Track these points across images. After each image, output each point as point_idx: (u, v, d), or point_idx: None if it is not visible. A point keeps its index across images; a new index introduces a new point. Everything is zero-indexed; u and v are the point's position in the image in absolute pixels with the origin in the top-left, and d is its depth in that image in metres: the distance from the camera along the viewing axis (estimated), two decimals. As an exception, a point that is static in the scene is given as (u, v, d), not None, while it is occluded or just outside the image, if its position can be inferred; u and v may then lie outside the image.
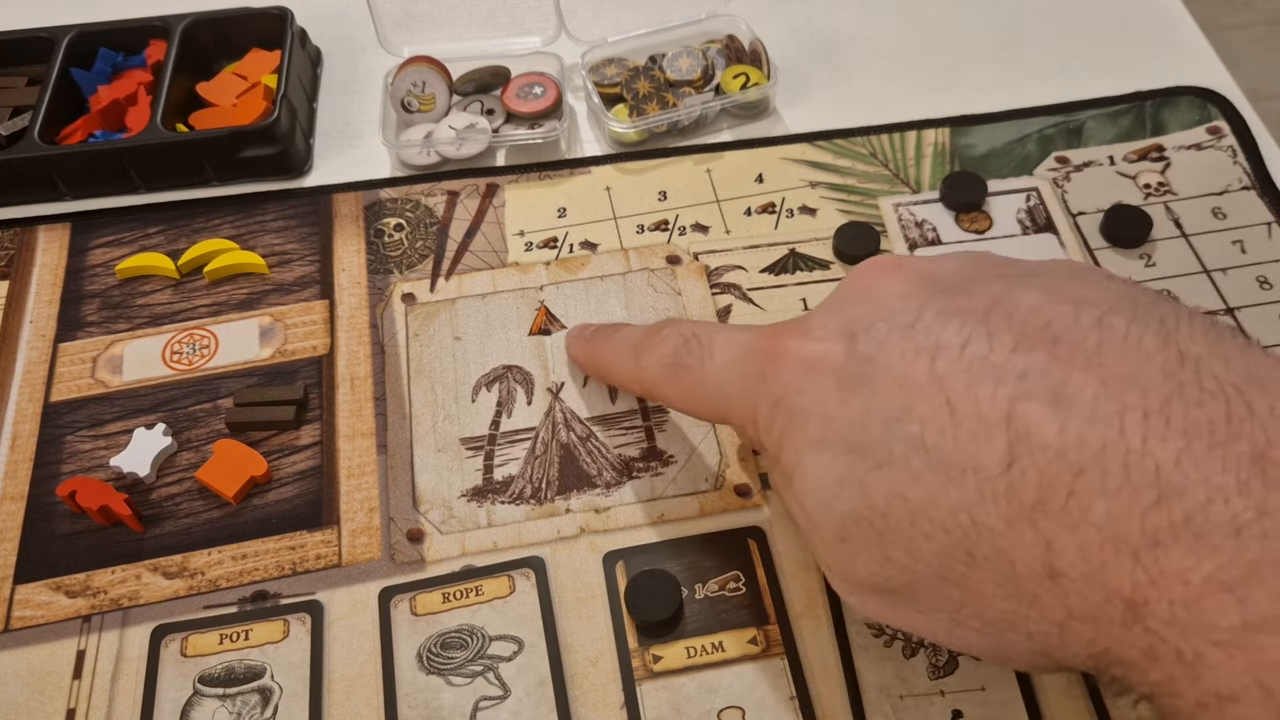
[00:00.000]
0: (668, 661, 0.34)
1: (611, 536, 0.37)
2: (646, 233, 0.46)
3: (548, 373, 0.41)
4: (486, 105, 0.50)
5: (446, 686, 0.34)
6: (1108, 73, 0.51)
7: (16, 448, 0.40)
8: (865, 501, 0.26)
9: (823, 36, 0.54)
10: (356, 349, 0.42)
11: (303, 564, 0.37)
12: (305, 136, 0.50)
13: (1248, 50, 1.51)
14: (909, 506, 0.25)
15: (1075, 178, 0.47)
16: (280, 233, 0.47)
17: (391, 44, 0.51)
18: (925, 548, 0.25)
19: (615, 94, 0.49)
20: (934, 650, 0.34)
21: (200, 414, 0.41)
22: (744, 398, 0.30)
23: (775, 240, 0.45)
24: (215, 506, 0.39)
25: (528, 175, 0.48)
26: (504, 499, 0.38)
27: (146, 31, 0.52)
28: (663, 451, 0.39)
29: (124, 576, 0.37)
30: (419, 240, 0.46)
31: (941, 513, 0.24)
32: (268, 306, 0.44)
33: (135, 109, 0.50)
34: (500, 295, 0.44)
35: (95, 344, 0.43)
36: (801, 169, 0.47)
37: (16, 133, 0.49)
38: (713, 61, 0.50)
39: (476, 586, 0.36)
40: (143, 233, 0.47)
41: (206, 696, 0.34)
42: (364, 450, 0.40)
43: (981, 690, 0.33)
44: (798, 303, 0.43)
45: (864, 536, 0.26)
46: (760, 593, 0.36)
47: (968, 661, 0.34)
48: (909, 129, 0.49)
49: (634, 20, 0.51)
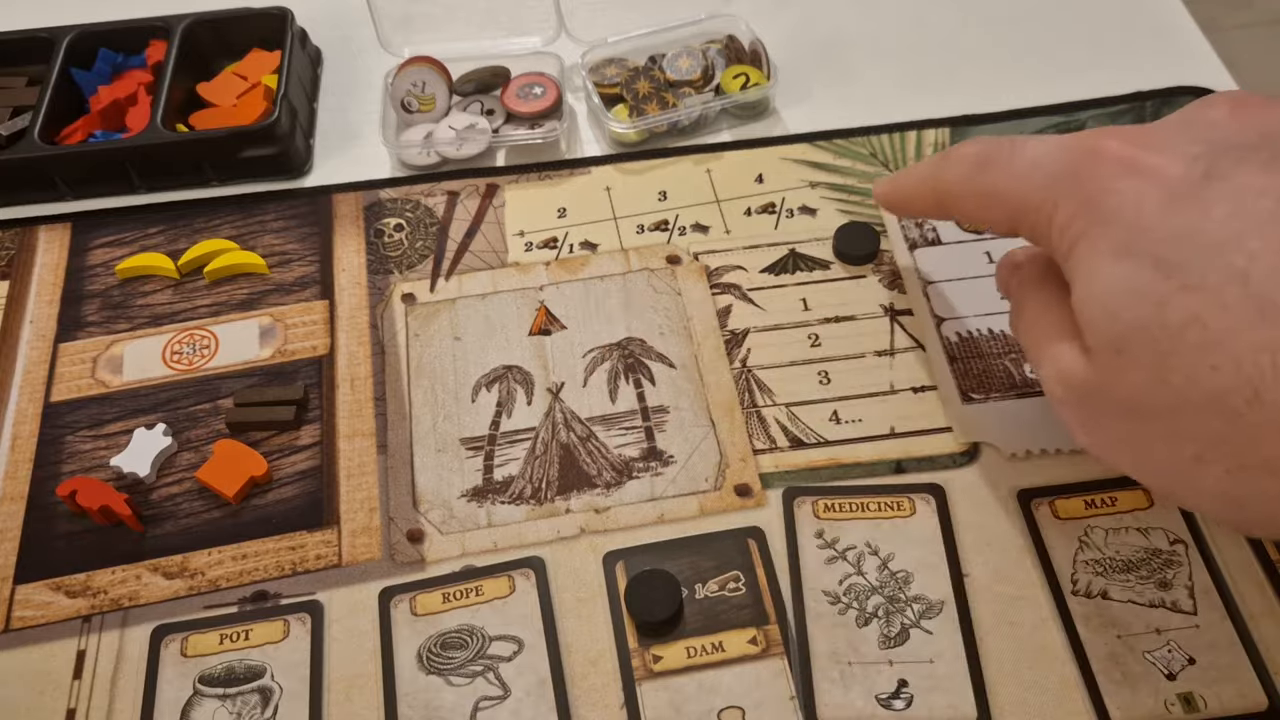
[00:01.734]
0: (668, 661, 0.34)
1: (611, 536, 0.37)
2: (646, 233, 0.46)
3: (548, 373, 0.41)
4: (486, 105, 0.50)
5: (446, 686, 0.34)
6: (1108, 73, 0.51)
7: (17, 448, 0.40)
8: (1159, 318, 0.25)
9: (823, 36, 0.54)
10: (356, 349, 0.42)
11: (303, 564, 0.37)
12: (305, 137, 0.50)
13: (1248, 50, 1.51)
14: (1206, 334, 0.24)
15: (1075, 178, 0.47)
16: (280, 233, 0.47)
17: (391, 44, 0.51)
18: (1209, 378, 0.24)
19: (615, 94, 0.49)
20: (886, 622, 0.34)
21: (200, 414, 0.41)
22: (1048, 190, 0.29)
23: (775, 240, 0.45)
24: (215, 506, 0.39)
25: (528, 175, 0.48)
26: (504, 499, 0.38)
27: (147, 32, 0.52)
28: (663, 451, 0.39)
29: (124, 576, 0.37)
30: (419, 240, 0.46)
31: (1241, 348, 0.24)
32: (268, 306, 0.44)
33: (135, 109, 0.50)
34: (500, 295, 0.44)
35: (95, 344, 0.43)
36: (801, 169, 0.47)
37: (16, 133, 0.49)
38: (713, 61, 0.50)
39: (476, 586, 0.36)
40: (143, 233, 0.47)
41: (206, 696, 0.34)
42: (364, 450, 0.40)
43: (930, 663, 0.34)
44: (798, 303, 0.43)
45: (1145, 352, 0.26)
46: (760, 593, 0.36)
47: (919, 634, 0.34)
48: (909, 129, 0.49)
49: (634, 20, 0.51)
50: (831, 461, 0.38)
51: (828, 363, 0.41)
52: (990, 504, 0.37)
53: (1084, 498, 0.37)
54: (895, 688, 0.33)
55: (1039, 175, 0.30)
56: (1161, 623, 0.34)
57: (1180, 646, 0.34)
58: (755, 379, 0.41)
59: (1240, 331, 0.24)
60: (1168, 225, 0.26)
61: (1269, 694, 0.33)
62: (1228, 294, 0.24)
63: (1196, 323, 0.25)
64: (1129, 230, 0.26)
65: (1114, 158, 0.27)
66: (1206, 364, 0.24)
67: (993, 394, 0.40)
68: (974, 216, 0.34)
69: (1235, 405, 0.24)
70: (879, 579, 0.36)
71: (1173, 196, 0.26)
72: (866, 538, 0.37)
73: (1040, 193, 0.29)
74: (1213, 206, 0.25)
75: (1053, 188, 0.29)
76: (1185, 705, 0.33)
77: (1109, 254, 0.27)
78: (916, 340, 0.42)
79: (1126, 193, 0.27)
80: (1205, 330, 0.24)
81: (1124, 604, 0.35)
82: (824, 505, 0.37)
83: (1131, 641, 0.34)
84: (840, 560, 0.36)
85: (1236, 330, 0.24)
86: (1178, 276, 0.25)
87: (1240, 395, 0.24)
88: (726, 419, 0.40)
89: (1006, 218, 0.31)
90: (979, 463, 0.38)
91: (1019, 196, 0.30)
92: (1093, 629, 0.34)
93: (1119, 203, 0.27)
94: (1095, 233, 0.27)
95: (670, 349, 0.42)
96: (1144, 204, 0.26)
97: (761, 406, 0.40)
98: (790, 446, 0.39)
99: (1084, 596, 0.35)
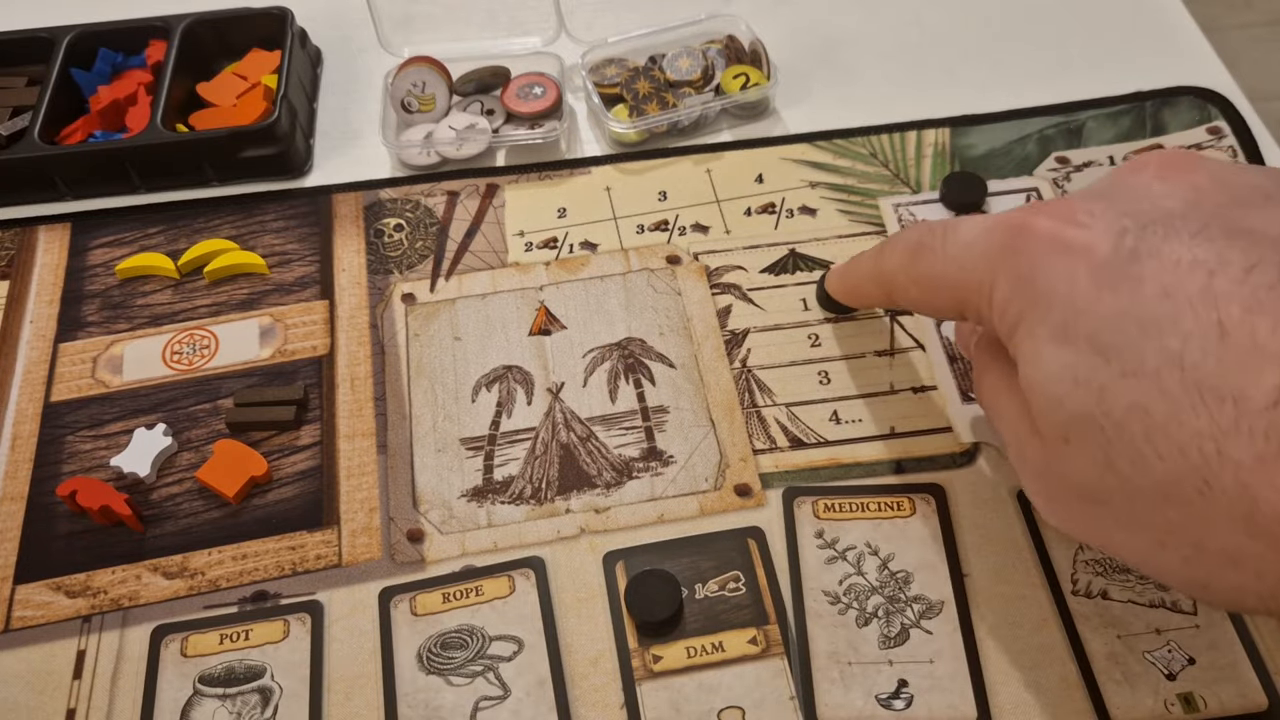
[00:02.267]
0: (668, 661, 0.34)
1: (611, 536, 0.37)
2: (646, 233, 0.46)
3: (548, 373, 0.41)
4: (486, 105, 0.50)
5: (446, 686, 0.34)
6: (1108, 73, 0.51)
7: (17, 448, 0.40)
8: (1101, 407, 0.24)
9: (823, 36, 0.54)
10: (356, 349, 0.42)
11: (303, 564, 0.37)
12: (305, 136, 0.50)
13: (1248, 50, 1.51)
14: (1148, 422, 0.24)
15: (1075, 178, 0.47)
16: (280, 233, 0.47)
17: (391, 44, 0.51)
18: (1156, 466, 0.24)
19: (615, 94, 0.49)
20: (886, 622, 0.34)
21: (200, 414, 0.41)
22: (983, 270, 0.28)
23: (775, 240, 0.45)
24: (215, 506, 0.39)
25: (528, 175, 0.48)
26: (504, 499, 0.38)
27: (146, 31, 0.52)
28: (663, 451, 0.39)
29: (124, 576, 0.37)
30: (419, 240, 0.46)
31: (1185, 435, 0.23)
32: (268, 306, 0.44)
33: (135, 109, 0.50)
34: (500, 295, 0.44)
35: (95, 344, 0.43)
36: (801, 169, 0.47)
37: (16, 133, 0.49)
38: (713, 62, 0.50)
39: (476, 586, 0.36)
40: (143, 233, 0.47)
41: (206, 696, 0.34)
42: (364, 450, 0.40)
43: (930, 663, 0.34)
44: (798, 302, 0.43)
45: (1090, 441, 0.25)
46: (760, 593, 0.36)
47: (919, 634, 0.34)
48: (909, 129, 0.49)
49: (634, 20, 0.51)
50: (831, 461, 0.38)
51: (828, 363, 0.41)
52: (990, 504, 0.37)
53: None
54: (895, 688, 0.33)
55: (972, 256, 0.29)
56: (1161, 623, 0.34)
57: (1180, 646, 0.34)
58: (755, 379, 0.41)
59: (1182, 418, 0.23)
60: (1101, 306, 0.25)
61: (1269, 694, 0.33)
62: (1166, 379, 0.23)
63: (1138, 410, 0.24)
64: (1064, 312, 0.26)
65: (1043, 235, 0.27)
66: (1153, 453, 0.24)
67: (993, 394, 0.40)
68: (919, 304, 0.33)
69: (1186, 494, 0.24)
70: (879, 579, 0.36)
71: (1103, 276, 0.25)
72: (866, 538, 0.37)
73: (976, 273, 0.29)
74: (1144, 284, 0.24)
75: (987, 267, 0.28)
76: (1185, 705, 0.33)
77: (1048, 338, 0.26)
78: (916, 340, 0.42)
79: (1057, 272, 0.26)
80: (1148, 417, 0.24)
81: (1124, 604, 0.35)
82: (824, 505, 0.37)
83: (1131, 641, 0.34)
84: (840, 560, 0.36)
85: (1178, 417, 0.23)
86: (1116, 361, 0.24)
87: (1190, 484, 0.23)
88: (726, 419, 0.40)
89: (949, 303, 0.31)
90: (979, 463, 0.38)
91: (955, 279, 0.30)
92: (1093, 629, 0.34)
93: (1051, 283, 0.26)
94: (1032, 315, 0.27)
95: (670, 349, 0.42)
96: (1076, 284, 0.26)
97: (761, 406, 0.40)
98: (790, 446, 0.39)
99: (1084, 596, 0.35)
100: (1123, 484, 0.25)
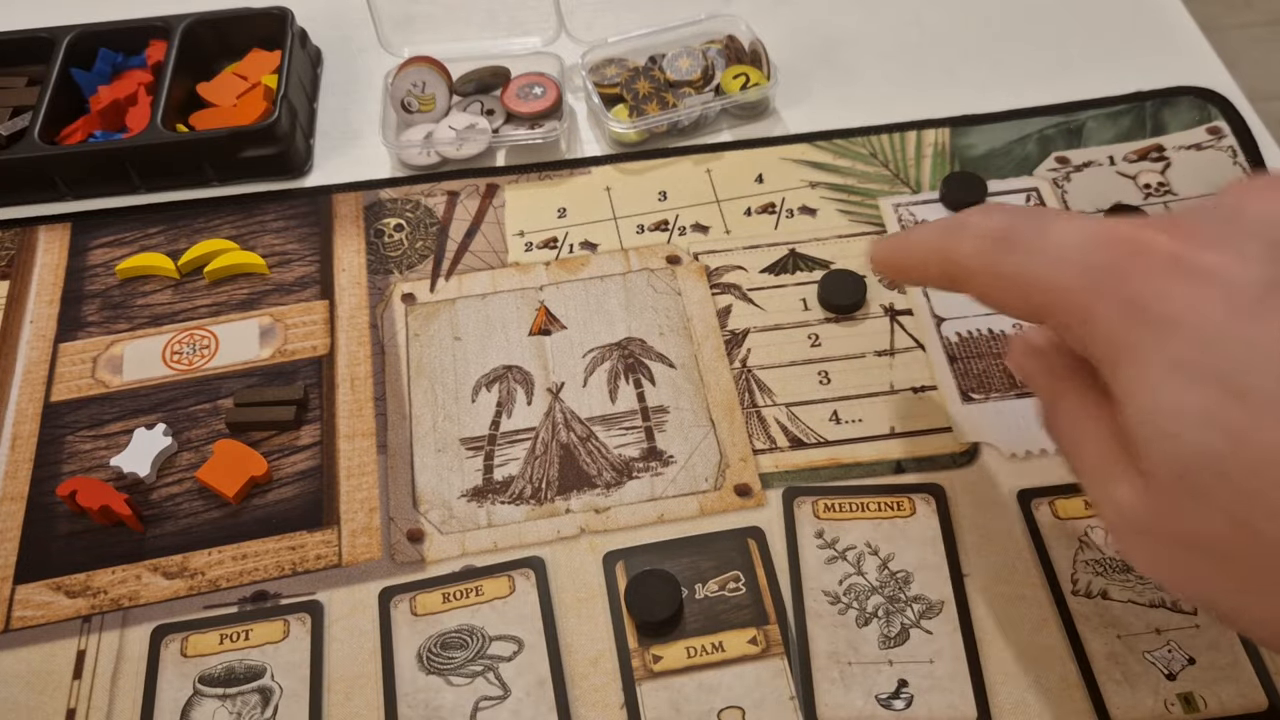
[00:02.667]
0: (668, 661, 0.34)
1: (611, 536, 0.37)
2: (646, 233, 0.46)
3: (548, 373, 0.41)
4: (486, 105, 0.50)
5: (446, 686, 0.34)
6: (1108, 73, 0.51)
7: (17, 448, 0.40)
8: (1232, 450, 0.22)
9: (823, 36, 0.54)
10: (356, 349, 0.42)
11: (303, 564, 0.37)
12: (305, 137, 0.50)
13: (1248, 50, 1.51)
14: None
15: (1075, 178, 0.47)
16: (280, 233, 0.47)
17: (391, 44, 0.51)
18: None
19: (615, 94, 0.49)
20: (886, 622, 0.34)
21: (200, 414, 0.41)
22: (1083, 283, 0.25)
23: (775, 240, 0.45)
24: (215, 506, 0.39)
25: (528, 175, 0.48)
26: (504, 499, 0.38)
27: (146, 32, 0.52)
28: (663, 451, 0.39)
29: (124, 576, 0.37)
30: (419, 240, 0.46)
31: None
32: (268, 306, 0.44)
33: (135, 109, 0.50)
34: (500, 295, 0.44)
35: (95, 344, 0.43)
36: (801, 169, 0.47)
37: (16, 133, 0.49)
38: (713, 62, 0.50)
39: (476, 586, 0.36)
40: (143, 233, 0.47)
41: (206, 696, 0.34)
42: (364, 450, 0.40)
43: (930, 663, 0.34)
44: (798, 302, 0.43)
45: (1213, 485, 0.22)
46: (760, 593, 0.36)
47: (919, 634, 0.34)
48: (909, 129, 0.49)
49: (634, 20, 0.51)
50: (831, 461, 0.38)
51: (828, 363, 0.41)
52: (990, 504, 0.37)
53: (1084, 498, 0.37)
54: (895, 688, 0.33)
55: (1072, 267, 0.25)
56: (1161, 623, 0.34)
57: (1180, 646, 0.34)
58: (755, 379, 0.41)
59: None
60: (1236, 341, 0.22)
61: (1269, 694, 0.33)
62: None
63: None
64: (1191, 343, 0.23)
65: (1163, 255, 0.24)
66: None
67: (993, 394, 0.40)
68: (991, 298, 0.29)
69: None
70: (879, 579, 0.36)
71: (1236, 304, 0.22)
72: (866, 538, 0.37)
73: (1072, 289, 0.25)
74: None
75: (1089, 282, 0.25)
76: (1185, 705, 0.33)
77: (1166, 369, 0.23)
78: (916, 340, 0.42)
79: (1182, 299, 0.23)
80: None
81: (1124, 604, 0.35)
82: (824, 505, 0.37)
83: (1131, 641, 0.34)
84: (840, 560, 0.36)
85: None
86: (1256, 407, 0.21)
87: None
88: (726, 419, 0.40)
89: (1030, 308, 0.27)
90: (979, 463, 0.38)
91: (1048, 288, 0.26)
92: (1093, 629, 0.34)
93: (1173, 310, 0.23)
94: (1149, 341, 0.23)
95: (670, 349, 0.42)
96: (1204, 312, 0.23)
97: (761, 406, 0.40)
98: (790, 446, 0.39)
99: (1084, 596, 0.35)
100: (1251, 538, 0.22)
